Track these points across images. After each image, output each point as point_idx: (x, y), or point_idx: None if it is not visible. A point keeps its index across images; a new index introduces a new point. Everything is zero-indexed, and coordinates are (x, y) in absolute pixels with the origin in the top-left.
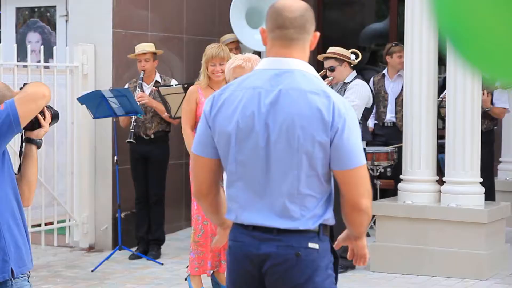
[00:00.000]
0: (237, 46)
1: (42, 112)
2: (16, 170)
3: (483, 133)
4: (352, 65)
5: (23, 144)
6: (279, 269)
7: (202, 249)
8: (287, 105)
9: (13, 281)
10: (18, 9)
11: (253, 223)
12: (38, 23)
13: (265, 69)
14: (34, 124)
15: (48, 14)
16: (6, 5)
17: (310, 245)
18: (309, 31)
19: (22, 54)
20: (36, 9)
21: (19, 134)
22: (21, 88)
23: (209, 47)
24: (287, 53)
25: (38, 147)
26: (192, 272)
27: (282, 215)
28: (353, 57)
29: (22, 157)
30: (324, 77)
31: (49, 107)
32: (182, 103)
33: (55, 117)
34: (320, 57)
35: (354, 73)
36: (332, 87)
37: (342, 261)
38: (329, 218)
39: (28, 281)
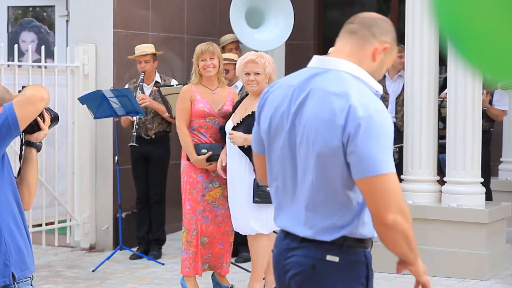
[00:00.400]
0: (237, 46)
1: (41, 115)
2: (16, 173)
3: (483, 133)
4: None
5: (23, 147)
6: (297, 280)
7: (194, 249)
8: (310, 106)
9: (16, 285)
10: (9, 7)
11: (283, 227)
12: (33, 23)
13: (309, 68)
14: (34, 127)
15: (45, 14)
16: None
17: (329, 257)
18: (375, 35)
19: (13, 54)
20: (30, 8)
21: (19, 136)
22: (19, 91)
23: (198, 45)
24: (340, 49)
25: (38, 150)
26: (183, 272)
27: (304, 222)
28: None
29: (22, 160)
30: None
31: (48, 110)
32: (177, 102)
33: (54, 119)
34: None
35: None
36: None
37: None
38: (357, 231)
39: (31, 285)
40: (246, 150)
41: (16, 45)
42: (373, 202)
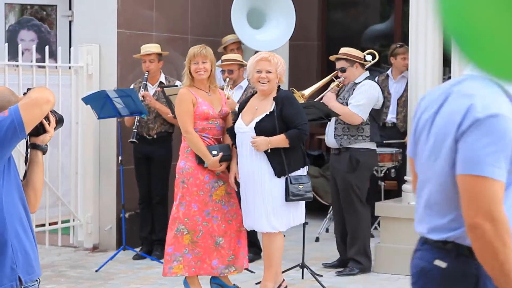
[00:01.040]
0: (238, 47)
1: (47, 117)
2: (21, 176)
3: None
4: (365, 66)
5: (28, 150)
6: (412, 281)
7: (200, 249)
8: (444, 108)
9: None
10: (7, 4)
11: (416, 227)
12: (33, 21)
13: (464, 74)
14: (39, 129)
15: (44, 12)
16: None
17: (436, 262)
18: None
19: (12, 53)
20: (28, 7)
21: (25, 139)
22: (24, 94)
23: (191, 48)
24: None
25: (44, 152)
26: (189, 272)
27: (421, 219)
28: (369, 57)
29: (27, 163)
30: (336, 77)
31: (53, 112)
32: (176, 106)
33: (59, 121)
34: (331, 58)
35: (366, 73)
36: (344, 88)
37: (355, 264)
38: (467, 238)
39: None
40: (270, 154)
41: (20, 45)
42: (465, 202)
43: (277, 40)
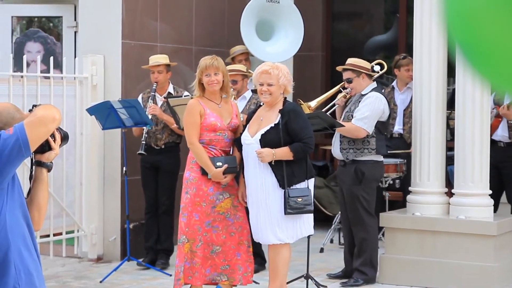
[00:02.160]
0: (246, 58)
1: (52, 135)
2: (25, 194)
3: (508, 146)
4: (372, 77)
5: (33, 167)
6: None
7: (198, 260)
8: None
9: None
10: (14, 17)
11: None
12: (39, 33)
13: None
14: (45, 147)
15: (51, 24)
16: (1, 13)
17: None
18: None
19: (19, 65)
20: (35, 19)
21: (30, 156)
22: (30, 110)
23: (202, 58)
24: None
25: (49, 170)
26: (186, 280)
27: None
28: (377, 68)
29: (32, 180)
30: (344, 88)
31: (58, 129)
32: (184, 117)
33: (64, 138)
34: (338, 68)
35: (374, 84)
36: (351, 99)
37: (360, 275)
38: None
39: None
40: (274, 166)
41: (24, 56)
42: None
43: (286, 52)
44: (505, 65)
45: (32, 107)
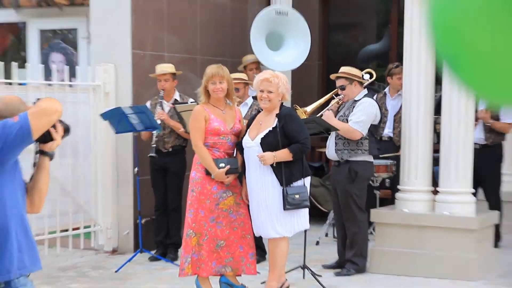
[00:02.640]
0: (257, 66)
1: (54, 126)
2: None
3: (488, 147)
4: (363, 84)
5: (37, 155)
6: None
7: (204, 252)
8: None
9: (16, 280)
10: (41, 31)
11: None
12: (61, 44)
13: None
14: (47, 137)
15: (70, 36)
16: (31, 27)
17: None
18: None
19: (45, 73)
20: (59, 31)
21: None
22: (34, 103)
23: (208, 67)
24: None
25: (51, 158)
26: (194, 271)
27: None
28: (367, 76)
29: (35, 167)
30: (336, 95)
31: (61, 121)
32: (190, 122)
33: (66, 130)
34: (332, 76)
35: (365, 91)
36: (343, 104)
37: (352, 265)
38: None
39: (29, 280)
40: (275, 167)
41: (54, 66)
42: None
43: (295, 61)
44: (487, 75)
45: (37, 100)
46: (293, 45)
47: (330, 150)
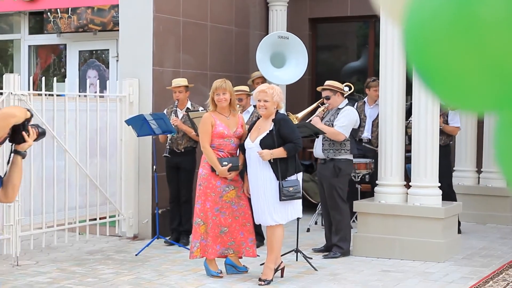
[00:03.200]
0: (263, 81)
1: (28, 130)
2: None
3: (441, 147)
4: (344, 95)
5: (11, 154)
6: None
7: (210, 238)
8: None
9: None
10: (80, 51)
11: None
12: (95, 62)
13: None
14: (21, 139)
15: (103, 55)
16: (71, 48)
17: None
18: None
19: (83, 87)
20: (94, 52)
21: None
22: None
23: (215, 81)
24: None
25: (23, 157)
26: (203, 254)
27: None
28: (346, 89)
29: (9, 165)
30: (322, 103)
31: (36, 126)
32: (199, 127)
33: (41, 134)
34: (318, 88)
35: (346, 101)
36: (328, 112)
37: (337, 249)
38: None
39: None
40: (272, 163)
41: (88, 80)
42: None
43: (294, 76)
44: (455, 86)
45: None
46: (294, 63)
47: (318, 150)
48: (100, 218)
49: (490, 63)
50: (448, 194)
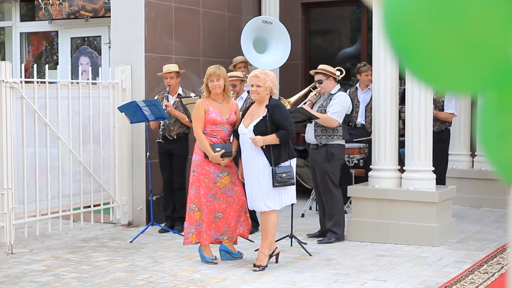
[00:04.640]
0: (245, 65)
1: None
2: None
3: (435, 133)
4: (337, 79)
5: None
6: None
7: (205, 224)
8: None
9: None
10: (72, 38)
11: None
12: (87, 49)
13: None
14: None
15: (95, 42)
16: (63, 35)
17: None
18: None
19: (75, 74)
20: (86, 38)
21: None
22: None
23: (209, 67)
24: None
25: None
26: (198, 239)
27: None
28: (338, 73)
29: None
30: (314, 88)
31: None
32: (192, 113)
33: None
34: (311, 72)
35: (338, 86)
36: (320, 97)
37: (332, 234)
38: None
39: None
40: (265, 150)
41: (80, 67)
42: None
43: (277, 62)
44: (435, 67)
45: None
46: (275, 48)
47: (310, 136)
48: (94, 206)
49: (470, 43)
50: (440, 178)
